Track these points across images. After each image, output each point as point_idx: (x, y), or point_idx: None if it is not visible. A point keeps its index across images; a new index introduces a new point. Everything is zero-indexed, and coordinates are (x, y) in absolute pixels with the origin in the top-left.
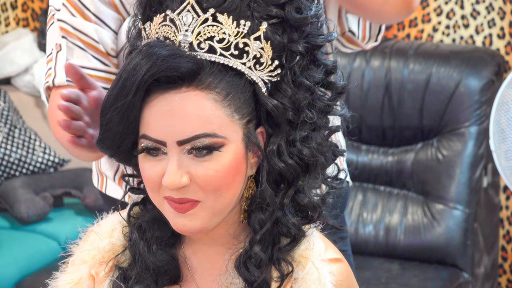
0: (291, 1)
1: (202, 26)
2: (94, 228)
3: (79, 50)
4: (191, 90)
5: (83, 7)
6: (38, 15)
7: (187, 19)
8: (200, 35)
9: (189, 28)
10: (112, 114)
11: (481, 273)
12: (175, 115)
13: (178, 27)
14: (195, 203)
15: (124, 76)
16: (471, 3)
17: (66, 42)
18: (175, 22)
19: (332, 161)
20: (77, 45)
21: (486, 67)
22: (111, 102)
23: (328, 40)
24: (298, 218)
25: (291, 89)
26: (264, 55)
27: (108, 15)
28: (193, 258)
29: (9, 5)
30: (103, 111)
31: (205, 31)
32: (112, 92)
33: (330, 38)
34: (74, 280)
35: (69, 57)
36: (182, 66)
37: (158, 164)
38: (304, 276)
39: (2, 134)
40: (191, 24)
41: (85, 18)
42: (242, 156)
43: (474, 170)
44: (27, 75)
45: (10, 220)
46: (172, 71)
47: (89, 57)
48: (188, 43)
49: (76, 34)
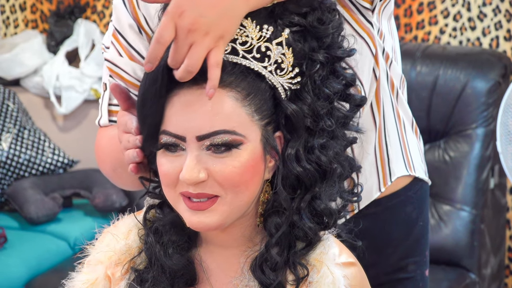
0: (313, 11)
1: None
2: (110, 229)
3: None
4: None
5: (129, 47)
6: (47, 17)
7: None
8: None
9: None
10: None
11: (488, 274)
12: (196, 111)
13: None
14: (214, 199)
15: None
16: (478, 6)
17: (111, 81)
18: None
19: (349, 174)
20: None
21: (492, 69)
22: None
23: (348, 55)
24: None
25: (311, 97)
26: (285, 61)
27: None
28: (208, 260)
29: (18, 6)
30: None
31: None
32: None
33: (350, 53)
34: (90, 280)
35: (111, 96)
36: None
37: (176, 160)
38: (318, 279)
39: (12, 135)
40: None
41: (130, 58)
42: (260, 157)
43: (481, 172)
44: (36, 77)
45: (20, 221)
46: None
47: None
48: None
49: (119, 72)
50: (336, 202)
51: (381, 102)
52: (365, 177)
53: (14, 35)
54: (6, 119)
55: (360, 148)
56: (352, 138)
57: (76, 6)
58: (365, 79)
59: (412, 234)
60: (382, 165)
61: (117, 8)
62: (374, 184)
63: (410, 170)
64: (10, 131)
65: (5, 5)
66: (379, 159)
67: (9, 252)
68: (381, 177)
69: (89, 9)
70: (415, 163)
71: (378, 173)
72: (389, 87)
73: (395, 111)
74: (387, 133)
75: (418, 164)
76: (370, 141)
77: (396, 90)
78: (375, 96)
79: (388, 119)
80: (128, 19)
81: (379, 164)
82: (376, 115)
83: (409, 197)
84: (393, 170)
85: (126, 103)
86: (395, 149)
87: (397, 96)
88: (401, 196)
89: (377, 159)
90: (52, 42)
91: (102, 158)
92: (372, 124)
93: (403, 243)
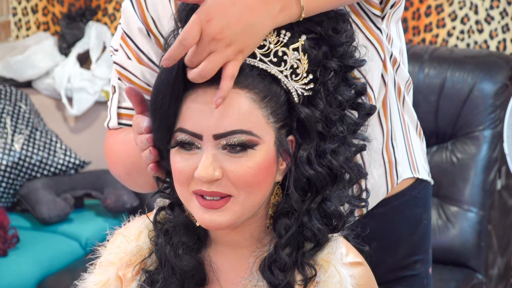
0: (329, 20)
1: None
2: (121, 230)
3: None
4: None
5: (138, 50)
6: (58, 19)
7: None
8: None
9: None
10: (164, 97)
11: (494, 274)
12: (214, 110)
13: None
14: (227, 198)
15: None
16: (485, 9)
17: (120, 83)
18: None
19: (357, 180)
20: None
21: (500, 71)
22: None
23: (359, 65)
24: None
25: (323, 103)
26: (301, 66)
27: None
28: (218, 261)
29: (30, 9)
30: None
31: None
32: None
33: (360, 63)
34: (102, 281)
35: (120, 99)
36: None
37: (191, 158)
38: (326, 279)
39: (24, 136)
40: None
41: (139, 62)
42: (273, 159)
43: (488, 173)
44: (48, 78)
45: (32, 221)
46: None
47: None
48: None
49: (128, 75)
50: (344, 207)
51: (387, 108)
52: (373, 179)
53: (26, 37)
54: (18, 120)
55: (369, 155)
56: (361, 145)
57: (87, 8)
58: (375, 85)
59: (417, 233)
60: (390, 168)
61: (126, 11)
62: (382, 186)
63: (414, 172)
64: (22, 132)
65: (17, 7)
66: (387, 162)
67: (22, 252)
68: (389, 179)
69: (100, 11)
70: (419, 164)
71: (386, 175)
72: (396, 93)
73: (401, 116)
74: (393, 136)
75: (422, 166)
76: (378, 146)
77: (403, 95)
78: (383, 103)
79: (394, 123)
80: (137, 23)
81: (387, 167)
82: (383, 121)
83: (414, 196)
84: (399, 172)
85: (141, 106)
86: (401, 152)
87: (403, 101)
88: (406, 196)
89: (385, 162)
90: (64, 44)
91: (115, 161)
92: (379, 130)
93: (409, 241)
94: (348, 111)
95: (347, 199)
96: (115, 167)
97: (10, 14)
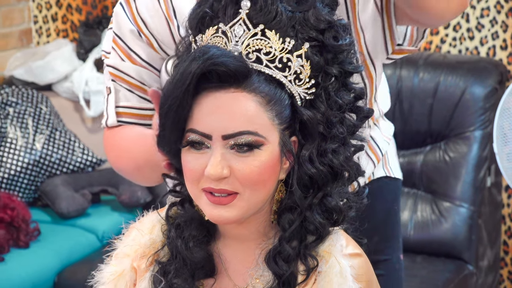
0: (330, 28)
1: (252, 39)
2: (135, 224)
3: (127, 92)
4: (239, 91)
5: (130, 51)
6: (76, 27)
7: (239, 31)
8: (249, 47)
9: (240, 40)
10: (172, 103)
11: (484, 265)
12: (223, 111)
13: (229, 39)
14: (234, 195)
15: (181, 70)
16: (476, 17)
17: (114, 85)
18: (227, 34)
19: (355, 178)
20: (124, 87)
21: (490, 76)
22: (171, 91)
23: (357, 71)
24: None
25: (324, 106)
26: (304, 72)
27: (155, 56)
28: (226, 253)
29: (50, 17)
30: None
31: (254, 44)
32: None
33: (359, 69)
34: (117, 272)
35: (117, 99)
36: (232, 63)
37: (201, 157)
38: (327, 269)
39: (45, 136)
40: (242, 36)
41: (133, 62)
42: (277, 158)
43: (479, 171)
44: (66, 82)
45: (52, 215)
46: (224, 66)
47: (137, 97)
48: (238, 52)
49: (123, 76)
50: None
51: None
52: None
53: (47, 44)
54: (39, 121)
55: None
56: (360, 146)
57: (103, 17)
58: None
59: (389, 219)
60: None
61: (118, 15)
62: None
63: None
64: (43, 132)
65: (38, 15)
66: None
67: (42, 244)
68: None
69: None
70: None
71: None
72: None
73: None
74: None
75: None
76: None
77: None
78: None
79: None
80: (128, 25)
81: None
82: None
83: (386, 183)
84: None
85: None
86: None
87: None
88: (379, 182)
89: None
90: (82, 50)
91: (125, 157)
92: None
93: (382, 227)
94: (347, 114)
95: (346, 195)
96: (124, 162)
97: (31, 22)
